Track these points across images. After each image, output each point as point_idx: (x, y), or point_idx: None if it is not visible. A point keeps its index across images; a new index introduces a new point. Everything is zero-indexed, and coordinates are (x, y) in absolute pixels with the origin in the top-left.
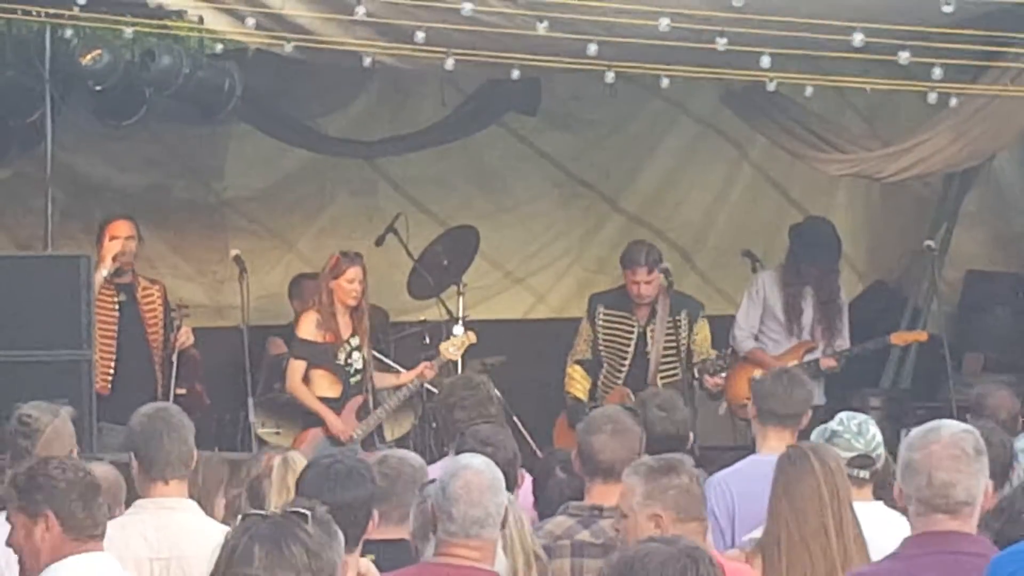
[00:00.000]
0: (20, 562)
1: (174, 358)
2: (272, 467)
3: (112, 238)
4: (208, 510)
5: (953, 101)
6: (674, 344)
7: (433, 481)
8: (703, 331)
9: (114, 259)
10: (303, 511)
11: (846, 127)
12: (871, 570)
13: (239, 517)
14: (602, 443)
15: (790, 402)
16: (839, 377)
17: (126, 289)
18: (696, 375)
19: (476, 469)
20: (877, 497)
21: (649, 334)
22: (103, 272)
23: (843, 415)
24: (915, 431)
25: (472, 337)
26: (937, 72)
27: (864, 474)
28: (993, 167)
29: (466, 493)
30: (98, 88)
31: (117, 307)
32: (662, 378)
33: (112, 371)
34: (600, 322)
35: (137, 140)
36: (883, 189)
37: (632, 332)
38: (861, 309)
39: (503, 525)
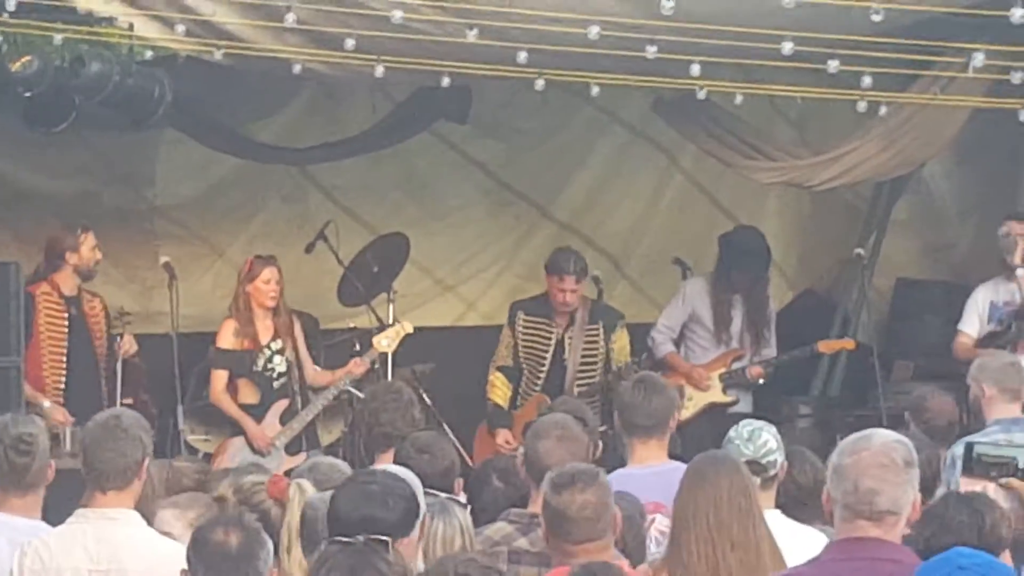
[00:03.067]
0: None
1: (118, 368)
2: (288, 497)
3: (91, 248)
4: (149, 520)
5: (883, 110)
6: (593, 352)
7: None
8: (621, 340)
9: (93, 268)
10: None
11: (776, 135)
12: (792, 573)
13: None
14: (548, 449)
15: (650, 411)
16: (769, 385)
17: (74, 302)
18: (610, 381)
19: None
20: (778, 504)
21: (567, 341)
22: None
23: (739, 424)
24: (848, 438)
25: (408, 327)
26: (867, 81)
27: (755, 480)
28: (923, 176)
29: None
30: (27, 94)
31: (67, 320)
32: (579, 386)
33: (64, 385)
34: (520, 329)
35: (67, 147)
36: (813, 197)
37: (551, 339)
38: (791, 317)
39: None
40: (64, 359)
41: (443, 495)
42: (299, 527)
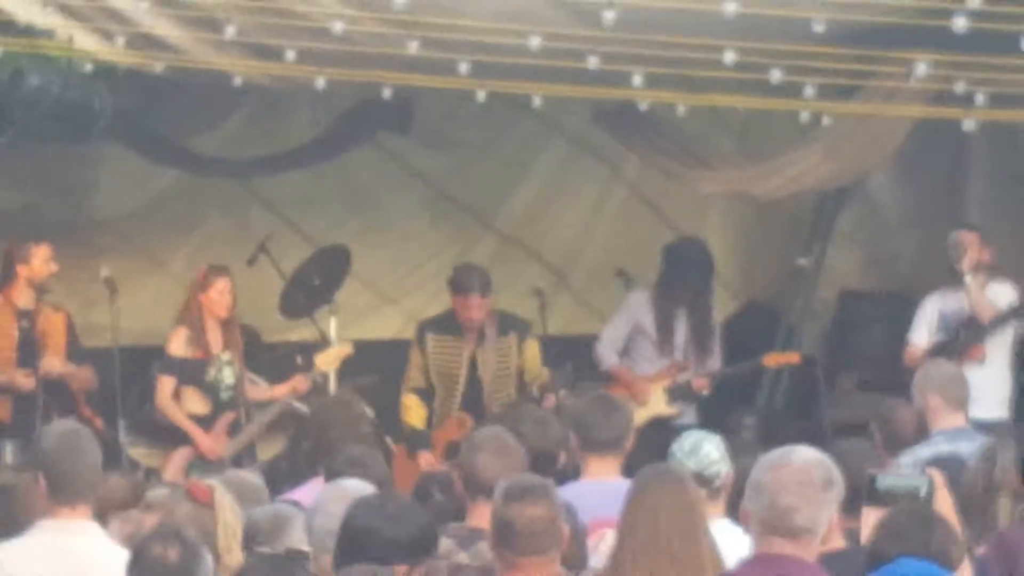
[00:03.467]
0: None
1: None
2: (214, 500)
3: (45, 260)
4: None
5: (825, 120)
6: (506, 365)
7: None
8: (531, 350)
9: (45, 280)
10: (303, 549)
11: (718, 146)
12: None
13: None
14: (485, 462)
15: (609, 427)
16: (714, 397)
17: (27, 316)
18: (536, 395)
19: (344, 488)
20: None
21: (480, 357)
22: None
23: (682, 436)
24: (769, 454)
25: (348, 347)
26: (809, 91)
27: (701, 493)
28: (867, 186)
29: (337, 508)
30: None
31: (18, 333)
32: (496, 400)
33: (11, 398)
34: (430, 349)
35: (7, 159)
36: (757, 208)
37: (462, 357)
38: (735, 328)
39: None
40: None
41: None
42: (235, 525)
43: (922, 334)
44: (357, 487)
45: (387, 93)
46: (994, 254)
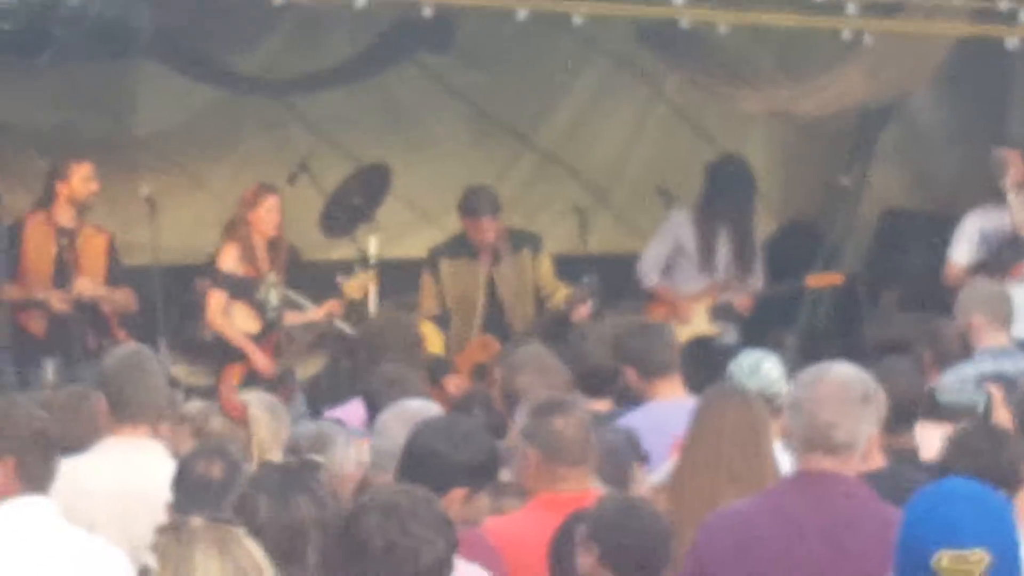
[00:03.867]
0: None
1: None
2: (248, 415)
3: (85, 179)
4: None
5: (867, 38)
6: (524, 282)
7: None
8: (545, 264)
9: (85, 199)
10: (316, 460)
11: (760, 64)
12: (745, 504)
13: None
14: (526, 381)
15: (665, 349)
16: (755, 316)
17: (67, 234)
18: (564, 308)
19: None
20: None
21: (497, 277)
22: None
23: (741, 356)
24: (806, 371)
25: (371, 278)
26: (851, 8)
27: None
28: (909, 105)
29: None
30: (5, 27)
31: (55, 250)
32: (517, 319)
33: (46, 314)
34: (444, 274)
35: (45, 79)
36: (798, 127)
37: (478, 279)
38: (777, 247)
39: None
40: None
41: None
42: (272, 444)
43: (962, 252)
44: (420, 408)
45: (427, 12)
46: None
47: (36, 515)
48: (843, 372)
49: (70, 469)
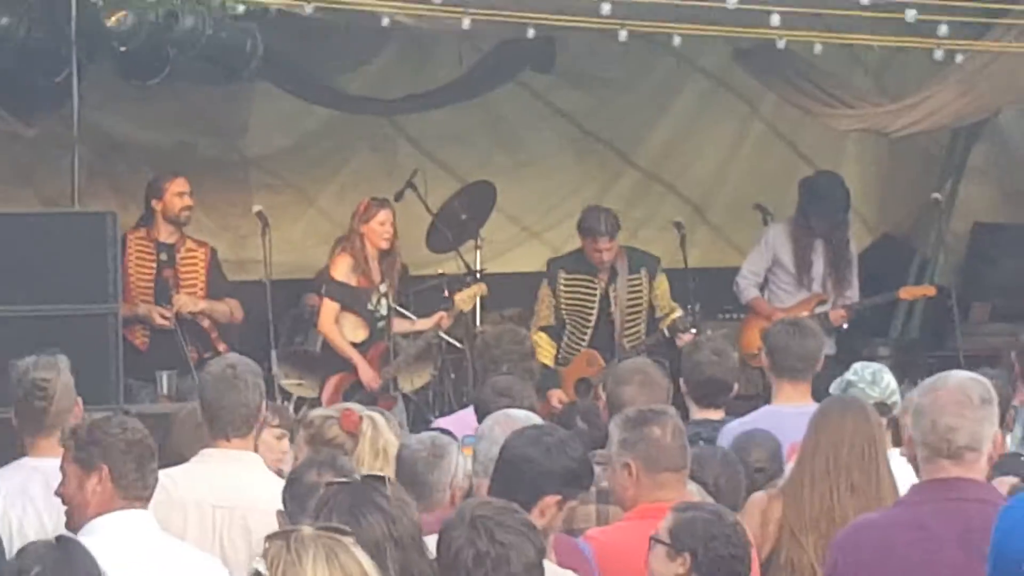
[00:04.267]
0: (67, 512)
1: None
2: (360, 431)
3: (177, 194)
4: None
5: (959, 57)
6: (638, 302)
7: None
8: (663, 285)
9: (179, 213)
10: (380, 475)
11: (854, 83)
12: (878, 517)
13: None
14: (631, 394)
15: (803, 353)
16: (850, 327)
17: (167, 249)
18: (667, 335)
19: (509, 415)
20: (896, 444)
21: (612, 295)
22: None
23: (857, 365)
24: (926, 380)
25: (483, 288)
26: (943, 29)
27: (883, 425)
28: (999, 122)
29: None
30: (123, 49)
31: (155, 266)
32: (627, 337)
33: (149, 329)
34: (562, 287)
35: (162, 99)
36: (891, 144)
37: (595, 294)
38: (870, 261)
39: None
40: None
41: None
42: (371, 460)
43: None
44: (523, 417)
45: (531, 33)
46: None
47: (135, 527)
48: (961, 377)
49: (168, 481)
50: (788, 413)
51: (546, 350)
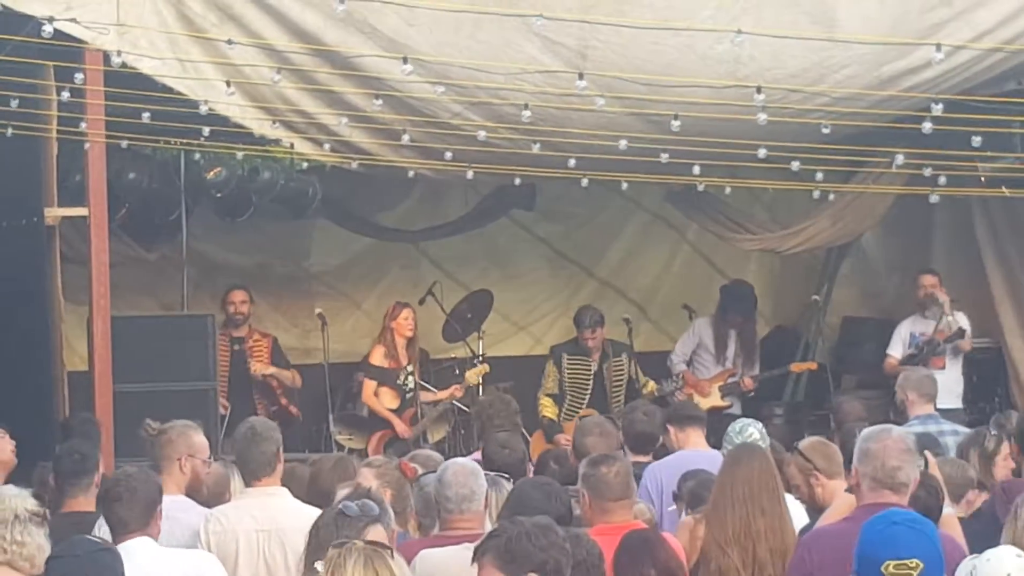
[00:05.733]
0: None
1: (251, 385)
2: (414, 476)
3: (240, 302)
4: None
5: (831, 196)
6: (621, 376)
7: (424, 473)
8: (635, 365)
9: (234, 313)
10: (387, 546)
11: (755, 216)
12: (832, 527)
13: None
14: (592, 442)
15: (696, 409)
16: (752, 394)
17: (239, 341)
18: (660, 395)
19: (461, 463)
20: None
21: (606, 371)
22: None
23: (734, 423)
24: (870, 429)
25: (486, 368)
26: (819, 175)
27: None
28: (861, 242)
29: (455, 479)
30: (218, 195)
31: (230, 353)
32: (613, 402)
33: (228, 399)
34: (565, 365)
35: (247, 232)
36: (782, 259)
37: (590, 371)
38: (768, 345)
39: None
40: (228, 380)
41: (493, 473)
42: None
43: (897, 348)
44: (470, 463)
45: (517, 181)
46: (953, 291)
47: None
48: (898, 430)
49: (223, 516)
50: (693, 456)
51: (551, 409)
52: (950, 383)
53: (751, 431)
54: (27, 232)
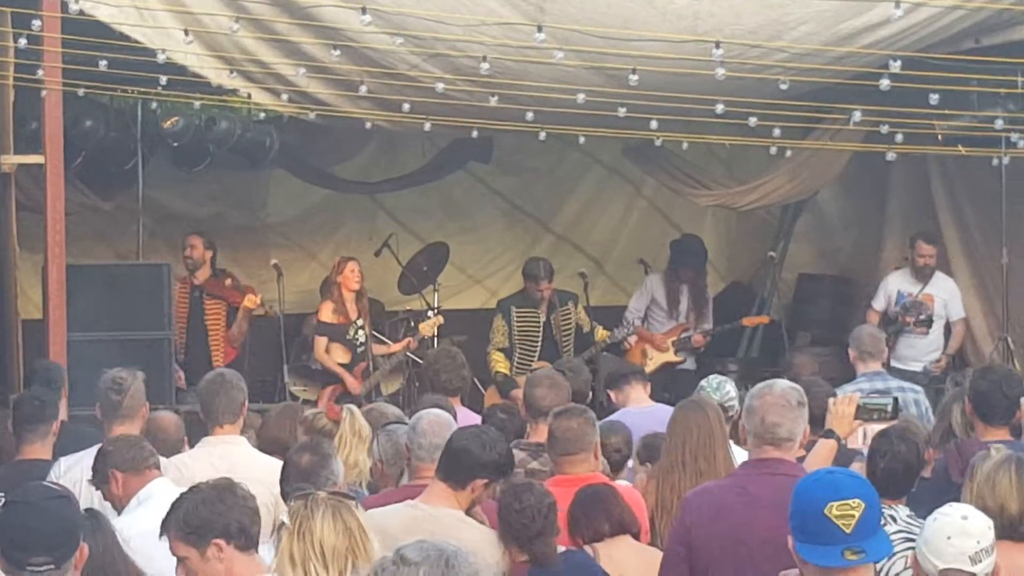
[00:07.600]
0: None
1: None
2: (341, 417)
3: (192, 248)
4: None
5: (788, 153)
6: (569, 326)
7: (392, 423)
8: (582, 312)
9: (186, 257)
10: (349, 494)
11: (711, 172)
12: (714, 484)
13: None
14: (542, 394)
15: (627, 365)
16: (707, 349)
17: (199, 289)
18: (612, 342)
19: (435, 413)
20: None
21: (554, 322)
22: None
23: (709, 377)
24: (757, 385)
25: (440, 320)
26: (777, 131)
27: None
28: (817, 200)
29: (429, 428)
30: (175, 144)
31: (188, 300)
32: (564, 353)
33: (184, 348)
34: (515, 318)
35: (204, 182)
36: (738, 215)
37: (539, 322)
38: (723, 302)
39: None
40: (185, 329)
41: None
42: (350, 437)
43: (880, 302)
44: (444, 414)
45: (474, 133)
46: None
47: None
48: (783, 385)
49: (180, 464)
50: (636, 411)
51: (503, 363)
52: (931, 346)
53: (727, 389)
54: None
